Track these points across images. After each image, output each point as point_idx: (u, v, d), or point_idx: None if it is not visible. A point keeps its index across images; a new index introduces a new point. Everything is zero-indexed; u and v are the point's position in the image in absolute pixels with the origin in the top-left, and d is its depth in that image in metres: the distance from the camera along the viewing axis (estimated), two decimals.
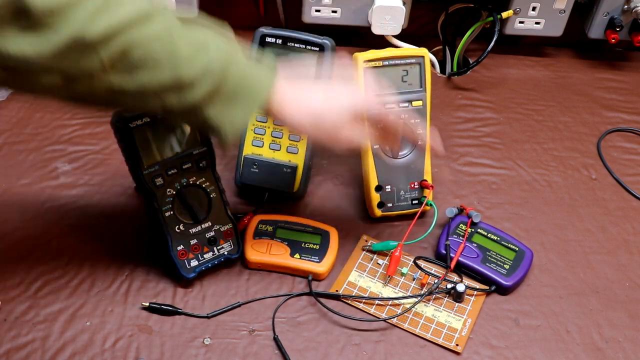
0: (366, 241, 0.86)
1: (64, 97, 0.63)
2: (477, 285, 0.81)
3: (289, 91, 0.69)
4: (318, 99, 0.71)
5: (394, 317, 0.78)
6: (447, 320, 0.78)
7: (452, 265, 0.81)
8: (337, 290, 0.80)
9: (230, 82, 0.65)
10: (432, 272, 0.81)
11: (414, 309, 0.78)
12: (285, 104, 0.69)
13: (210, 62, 0.63)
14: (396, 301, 0.79)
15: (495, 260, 0.82)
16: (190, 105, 0.64)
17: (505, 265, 0.82)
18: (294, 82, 0.70)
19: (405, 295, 0.80)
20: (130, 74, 0.60)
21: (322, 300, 0.79)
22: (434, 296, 0.79)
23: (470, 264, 0.81)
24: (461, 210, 0.87)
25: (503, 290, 0.81)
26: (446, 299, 0.80)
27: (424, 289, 0.80)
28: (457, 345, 0.75)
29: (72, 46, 0.57)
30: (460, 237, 0.83)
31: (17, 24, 0.55)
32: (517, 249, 0.84)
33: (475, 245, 0.83)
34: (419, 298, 0.79)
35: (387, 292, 0.80)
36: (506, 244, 0.84)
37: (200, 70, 0.62)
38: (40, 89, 0.61)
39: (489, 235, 0.84)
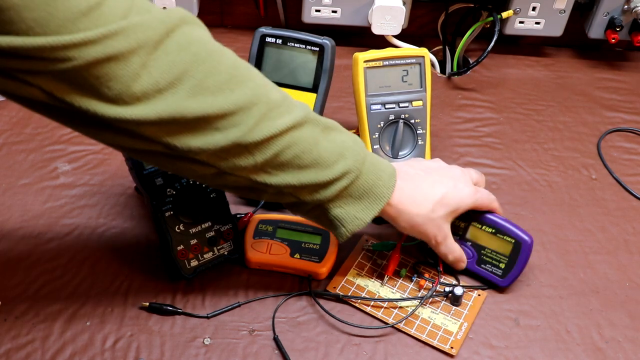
0: (366, 240, 0.86)
1: (210, 183, 0.71)
2: (474, 284, 0.81)
3: (402, 196, 0.73)
4: (430, 205, 0.75)
5: (389, 326, 0.77)
6: (443, 322, 0.78)
7: (441, 267, 0.81)
8: (334, 288, 0.80)
9: (360, 183, 0.70)
10: (430, 277, 0.81)
11: (409, 310, 0.78)
12: (401, 205, 0.73)
13: (346, 168, 0.68)
14: (394, 302, 0.79)
15: (491, 260, 0.81)
16: (320, 201, 0.69)
17: (500, 264, 0.81)
18: (410, 180, 0.75)
19: (403, 297, 0.80)
20: (276, 173, 0.66)
21: (323, 299, 0.79)
22: (430, 299, 0.79)
23: (466, 266, 0.81)
24: None
25: (499, 289, 0.81)
26: (443, 301, 0.80)
27: (422, 291, 0.80)
28: (451, 347, 0.75)
29: (233, 148, 0.62)
30: (455, 237, 0.81)
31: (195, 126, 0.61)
32: (513, 240, 0.81)
33: (470, 244, 0.82)
34: (417, 304, 0.78)
35: (385, 291, 0.80)
36: (502, 236, 0.81)
37: (338, 175, 0.68)
38: (192, 175, 0.67)
39: (483, 228, 0.82)
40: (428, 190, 0.76)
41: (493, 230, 0.81)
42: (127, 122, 0.58)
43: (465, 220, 0.82)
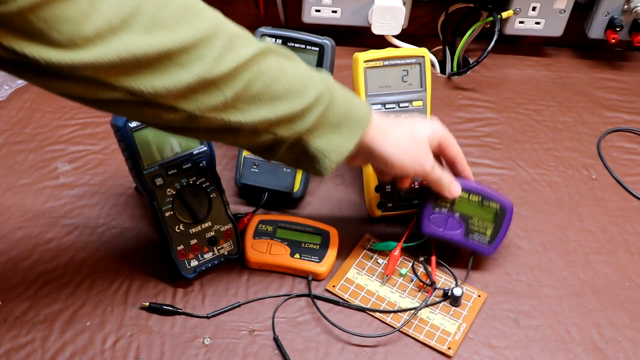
0: (368, 240, 0.86)
1: (183, 133, 0.66)
2: (474, 284, 0.81)
3: (381, 120, 0.72)
4: (406, 129, 0.74)
5: (387, 334, 0.77)
6: (442, 323, 0.78)
7: (434, 277, 0.81)
8: (334, 287, 0.80)
9: (335, 110, 0.67)
10: (427, 281, 0.81)
11: (407, 310, 0.78)
12: (380, 133, 0.71)
13: (318, 92, 0.66)
14: (392, 302, 0.79)
15: (478, 229, 0.81)
16: (298, 135, 0.67)
17: (487, 232, 0.81)
18: (384, 116, 0.73)
19: (400, 301, 0.80)
20: (249, 109, 0.63)
21: (323, 300, 0.79)
22: (430, 298, 0.79)
23: (455, 239, 0.81)
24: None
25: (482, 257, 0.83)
26: (442, 302, 0.80)
27: (421, 291, 0.80)
28: (449, 348, 0.75)
29: (200, 84, 0.59)
30: (443, 210, 0.81)
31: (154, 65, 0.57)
32: (497, 206, 0.81)
33: (458, 214, 0.81)
34: (415, 310, 0.78)
35: (384, 291, 0.80)
36: (487, 202, 0.81)
37: (311, 100, 0.65)
38: (162, 124, 0.63)
39: (470, 197, 0.81)
40: (402, 119, 0.75)
41: (479, 199, 0.82)
42: (85, 67, 0.54)
43: None
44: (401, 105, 0.86)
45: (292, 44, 0.85)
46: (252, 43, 0.63)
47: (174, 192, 0.77)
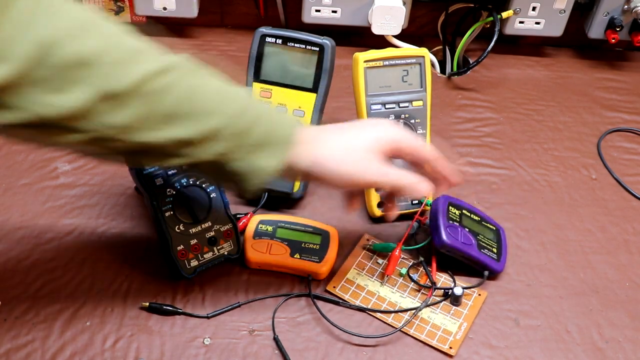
0: (367, 240, 0.86)
1: (89, 153, 0.63)
2: (473, 284, 0.81)
3: (315, 132, 0.68)
4: (343, 141, 0.68)
5: (388, 335, 0.77)
6: (443, 322, 0.78)
7: (435, 272, 0.81)
8: (334, 287, 0.80)
9: (255, 129, 0.63)
10: (426, 283, 0.81)
11: (408, 310, 0.78)
12: (312, 149, 0.66)
13: (235, 110, 0.62)
14: (393, 302, 0.79)
15: (486, 245, 0.82)
16: (215, 156, 0.62)
17: (493, 249, 0.82)
18: (319, 128, 0.69)
19: (401, 301, 0.80)
20: (154, 128, 0.59)
21: (322, 301, 0.79)
22: (430, 298, 0.79)
23: (471, 252, 0.80)
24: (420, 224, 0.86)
25: (494, 275, 0.82)
26: (443, 302, 0.80)
27: (421, 291, 0.80)
28: (450, 348, 0.75)
29: (100, 102, 0.56)
30: (455, 223, 0.81)
31: (46, 84, 0.54)
32: (494, 227, 0.85)
33: (467, 230, 0.82)
34: (416, 310, 0.78)
35: (385, 291, 0.80)
36: (486, 223, 0.84)
37: (225, 120, 0.61)
38: (66, 145, 0.60)
39: (472, 216, 0.84)
40: (344, 129, 0.69)
41: (478, 218, 0.83)
42: None
43: (458, 209, 0.83)
44: (401, 105, 0.86)
45: (292, 44, 0.85)
46: (157, 58, 0.59)
47: (174, 192, 0.77)
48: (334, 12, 1.09)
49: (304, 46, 0.85)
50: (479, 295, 0.81)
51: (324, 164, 0.66)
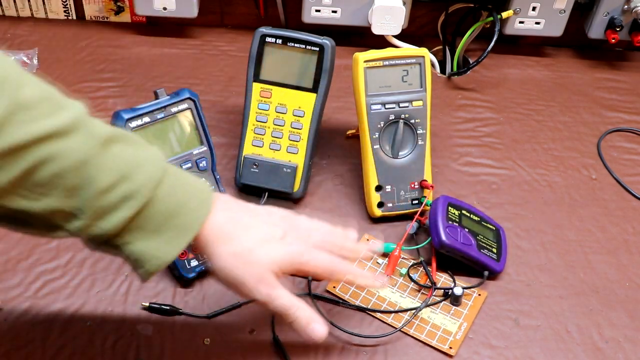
0: (367, 240, 0.86)
1: None
2: (473, 283, 0.81)
3: (223, 225, 0.62)
4: (250, 243, 0.63)
5: (388, 335, 0.77)
6: (443, 322, 0.78)
7: (434, 276, 0.81)
8: (334, 287, 0.80)
9: (155, 211, 0.57)
10: (426, 283, 0.81)
11: (408, 310, 0.78)
12: (215, 239, 0.61)
13: (130, 190, 0.55)
14: (393, 302, 0.79)
15: (486, 245, 0.82)
16: (104, 236, 0.56)
17: (493, 249, 0.82)
18: (231, 216, 0.63)
19: (401, 301, 0.80)
20: (36, 197, 0.52)
21: (323, 301, 0.79)
22: (430, 298, 0.79)
23: (470, 253, 0.80)
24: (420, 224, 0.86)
25: (494, 275, 0.82)
26: (443, 302, 0.80)
27: (421, 291, 0.80)
28: (450, 348, 0.75)
29: None
30: (454, 223, 0.81)
31: None
32: (494, 227, 0.85)
33: (467, 230, 0.82)
34: (417, 310, 0.78)
35: (385, 291, 0.80)
36: (486, 223, 0.85)
37: (119, 199, 0.54)
38: None
39: (471, 216, 0.84)
40: (253, 227, 0.64)
41: (478, 219, 0.84)
42: None
43: (457, 209, 0.83)
44: (401, 105, 0.86)
45: (292, 44, 0.85)
46: (54, 116, 0.51)
47: None
48: (334, 12, 1.09)
49: (304, 46, 0.85)
50: (479, 295, 0.81)
51: (217, 262, 0.63)
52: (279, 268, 0.65)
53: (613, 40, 1.11)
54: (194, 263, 0.79)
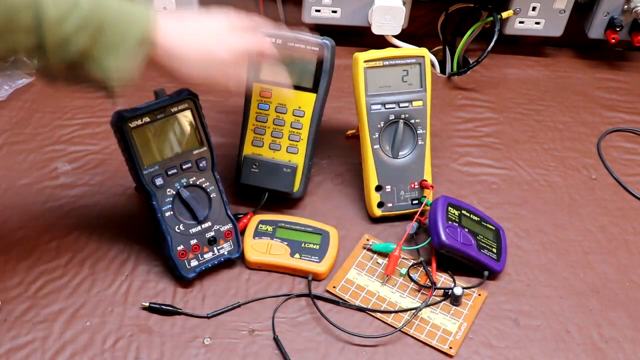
0: (367, 240, 0.86)
1: None
2: (473, 283, 0.81)
3: (173, 25, 0.68)
4: (206, 31, 0.70)
5: (388, 335, 0.77)
6: (443, 322, 0.78)
7: (435, 273, 0.81)
8: (334, 287, 0.80)
9: (107, 30, 0.63)
10: (426, 283, 0.81)
11: (408, 310, 0.78)
12: (170, 38, 0.67)
13: (82, 18, 0.61)
14: (393, 302, 0.79)
15: (486, 245, 0.82)
16: (68, 62, 0.63)
17: (493, 249, 0.82)
18: (177, 17, 0.70)
19: (401, 300, 0.80)
20: (3, 35, 0.59)
21: (323, 301, 0.79)
22: (430, 298, 0.79)
23: (469, 252, 0.80)
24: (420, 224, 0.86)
25: (494, 275, 0.82)
26: (443, 302, 0.80)
27: (421, 291, 0.80)
28: (450, 348, 0.75)
29: None
30: (454, 223, 0.81)
31: None
32: (494, 227, 0.85)
33: (467, 230, 0.82)
34: (417, 310, 0.78)
35: (385, 291, 0.80)
36: (485, 223, 0.85)
37: (72, 29, 0.61)
38: None
39: (471, 216, 0.84)
40: (200, 26, 0.71)
41: (478, 219, 0.84)
42: None
43: (457, 209, 0.83)
44: (401, 105, 0.86)
45: (293, 44, 0.85)
46: None
47: (174, 192, 0.77)
48: (334, 12, 1.09)
49: (304, 46, 0.85)
50: (479, 295, 0.81)
51: (186, 64, 0.68)
52: (240, 53, 0.72)
53: (613, 40, 1.11)
54: (194, 263, 0.79)
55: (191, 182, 0.78)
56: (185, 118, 0.78)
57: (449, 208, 0.82)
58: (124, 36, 0.64)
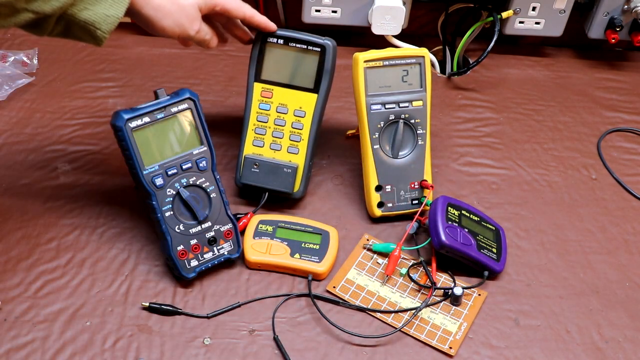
0: (367, 240, 0.86)
1: None
2: (473, 283, 0.81)
3: None
4: None
5: (388, 335, 0.77)
6: (443, 322, 0.78)
7: (435, 272, 0.81)
8: (334, 287, 0.80)
9: None
10: (426, 283, 0.81)
11: (408, 310, 0.78)
12: None
13: None
14: (393, 302, 0.79)
15: (485, 245, 0.82)
16: (61, 9, 0.67)
17: (493, 249, 0.82)
18: None
19: (401, 301, 0.80)
20: None
21: (323, 301, 0.79)
22: (430, 298, 0.79)
23: (469, 252, 0.80)
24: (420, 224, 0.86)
25: (494, 275, 0.82)
26: (443, 302, 0.80)
27: (421, 291, 0.81)
28: (450, 348, 0.75)
29: None
30: (454, 223, 0.81)
31: None
32: (494, 228, 0.86)
33: (467, 230, 0.82)
34: (417, 311, 0.78)
35: (385, 291, 0.80)
36: (485, 224, 0.85)
37: None
38: None
39: (471, 216, 0.84)
40: None
41: (478, 219, 0.83)
42: None
43: (457, 209, 0.83)
44: (401, 105, 0.86)
45: (294, 44, 0.85)
46: None
47: (174, 192, 0.77)
48: (334, 12, 1.09)
49: (305, 46, 0.85)
50: (479, 295, 0.81)
51: (151, 13, 0.74)
52: (201, 8, 0.79)
53: (613, 40, 1.11)
54: (194, 263, 0.79)
55: (191, 182, 0.78)
56: (185, 118, 0.78)
57: (449, 208, 0.82)
58: None
